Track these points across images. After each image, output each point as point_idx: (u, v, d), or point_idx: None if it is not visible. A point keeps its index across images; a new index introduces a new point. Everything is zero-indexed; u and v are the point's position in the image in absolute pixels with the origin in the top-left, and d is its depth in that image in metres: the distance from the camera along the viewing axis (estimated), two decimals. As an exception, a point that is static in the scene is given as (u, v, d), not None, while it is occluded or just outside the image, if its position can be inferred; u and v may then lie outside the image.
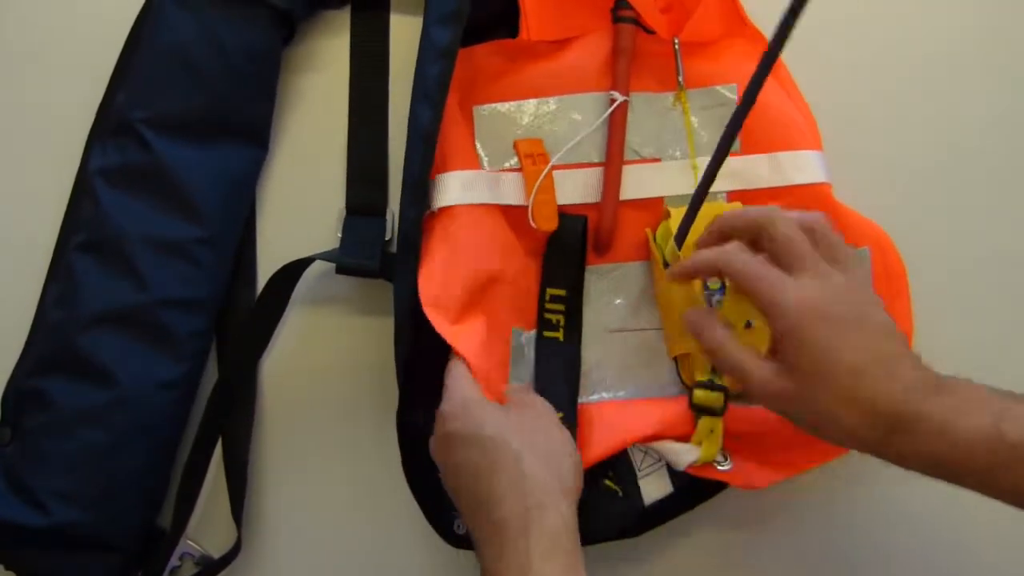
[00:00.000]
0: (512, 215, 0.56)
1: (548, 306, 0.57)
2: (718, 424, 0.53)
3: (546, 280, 0.57)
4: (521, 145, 0.56)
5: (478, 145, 0.57)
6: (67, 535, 0.52)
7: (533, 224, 0.55)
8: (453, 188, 0.55)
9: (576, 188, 0.57)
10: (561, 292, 0.57)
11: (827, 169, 0.57)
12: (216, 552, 0.57)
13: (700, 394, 0.53)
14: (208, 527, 0.58)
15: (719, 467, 0.54)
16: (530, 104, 0.57)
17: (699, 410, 0.54)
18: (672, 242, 0.54)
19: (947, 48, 0.63)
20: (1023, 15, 0.63)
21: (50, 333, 0.55)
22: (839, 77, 0.61)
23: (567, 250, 0.57)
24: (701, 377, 0.54)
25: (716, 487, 0.55)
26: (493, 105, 0.57)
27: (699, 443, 0.54)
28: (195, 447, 0.55)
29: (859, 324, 0.43)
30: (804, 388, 0.43)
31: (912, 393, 0.41)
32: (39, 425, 0.53)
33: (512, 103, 0.57)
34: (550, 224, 0.55)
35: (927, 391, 0.41)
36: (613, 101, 0.57)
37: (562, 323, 0.56)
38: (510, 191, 0.56)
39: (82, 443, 0.53)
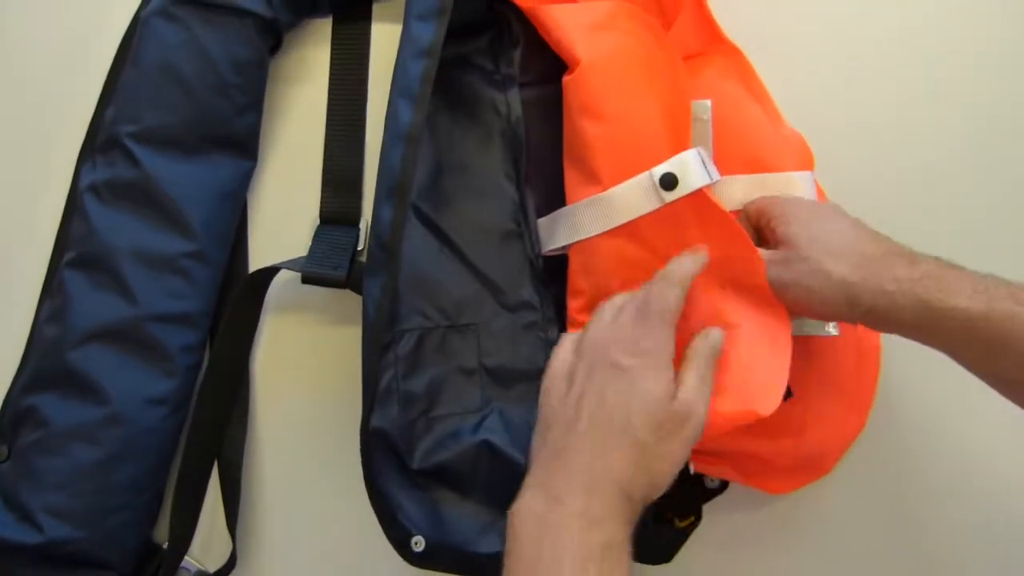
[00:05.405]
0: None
1: None
2: None
3: None
4: None
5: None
6: (61, 552, 0.53)
7: None
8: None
9: None
10: None
11: (811, 191, 0.53)
12: (212, 566, 0.57)
13: None
14: (203, 541, 0.58)
15: (690, 468, 0.52)
16: None
17: None
18: None
19: (936, 60, 0.60)
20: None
21: (43, 350, 0.55)
22: (829, 92, 0.60)
23: None
24: None
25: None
26: None
27: None
28: (191, 463, 0.55)
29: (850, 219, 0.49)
30: (797, 255, 0.47)
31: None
32: (33, 442, 0.54)
33: None
34: None
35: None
36: None
37: None
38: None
39: (75, 460, 0.53)
